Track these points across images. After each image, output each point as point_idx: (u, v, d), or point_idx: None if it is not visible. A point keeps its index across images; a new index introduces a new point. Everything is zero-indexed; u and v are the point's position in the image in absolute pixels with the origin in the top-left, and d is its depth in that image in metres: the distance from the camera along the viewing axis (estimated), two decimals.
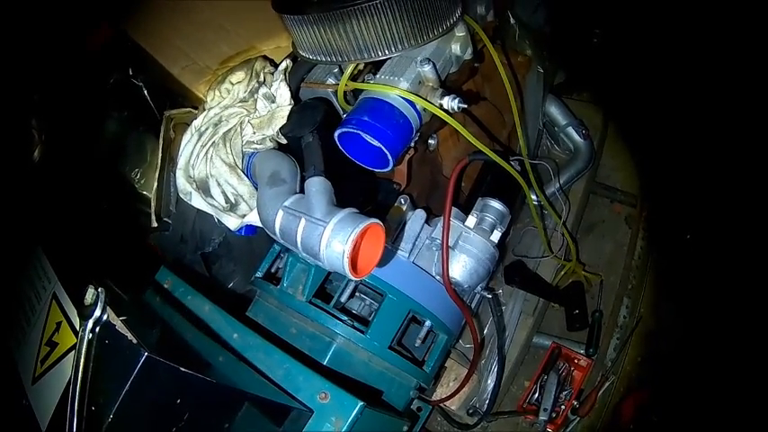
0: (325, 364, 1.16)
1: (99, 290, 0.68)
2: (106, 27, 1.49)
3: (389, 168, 1.07)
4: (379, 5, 0.95)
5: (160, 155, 1.25)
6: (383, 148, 0.99)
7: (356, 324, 1.19)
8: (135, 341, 0.62)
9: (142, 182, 1.62)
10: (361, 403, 0.92)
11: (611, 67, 2.19)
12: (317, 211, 0.87)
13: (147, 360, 0.62)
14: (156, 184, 1.27)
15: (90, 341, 0.65)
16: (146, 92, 1.63)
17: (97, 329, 0.66)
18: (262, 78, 1.12)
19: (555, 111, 1.96)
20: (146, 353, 0.62)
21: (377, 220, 0.85)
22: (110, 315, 0.67)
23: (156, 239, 1.58)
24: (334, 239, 0.82)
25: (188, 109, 1.26)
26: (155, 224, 1.30)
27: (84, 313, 0.68)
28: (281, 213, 0.91)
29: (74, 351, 0.68)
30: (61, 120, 1.59)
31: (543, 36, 1.77)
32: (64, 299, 0.79)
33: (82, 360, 0.63)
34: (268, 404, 0.86)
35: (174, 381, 0.65)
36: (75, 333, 0.72)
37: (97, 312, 0.68)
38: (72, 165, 1.54)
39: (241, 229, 1.22)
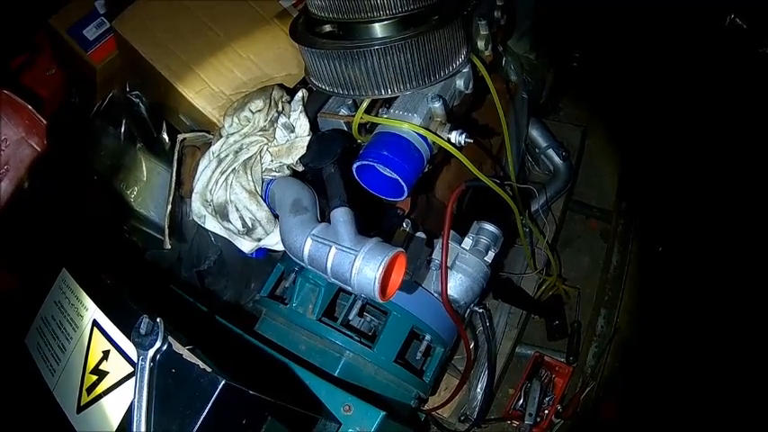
0: (335, 377, 1.23)
1: (158, 320, 0.71)
2: (111, 41, 1.51)
3: (403, 199, 1.14)
4: (400, 45, 1.02)
5: (174, 179, 1.28)
6: (400, 180, 1.05)
7: (363, 340, 1.26)
8: (209, 369, 0.66)
9: (138, 200, 1.64)
10: (383, 414, 1.00)
11: (589, 88, 2.33)
12: (346, 240, 0.94)
13: (225, 387, 0.66)
14: (170, 207, 1.29)
15: (151, 369, 0.69)
16: (143, 108, 1.66)
17: (158, 358, 0.70)
18: (280, 107, 1.17)
19: (536, 133, 2.06)
20: (223, 380, 0.66)
21: (402, 250, 0.93)
22: (173, 344, 0.71)
23: (152, 257, 1.60)
24: (366, 267, 0.89)
25: (202, 133, 1.29)
26: (168, 247, 1.32)
27: (143, 343, 0.71)
28: (309, 241, 0.97)
29: (132, 380, 0.71)
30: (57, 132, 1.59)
31: (528, 62, 1.88)
32: (109, 326, 0.81)
33: (145, 389, 0.66)
34: (296, 416, 0.91)
35: (242, 403, 0.69)
36: (131, 362, 0.75)
37: (158, 343, 0.71)
38: (72, 179, 1.53)
39: (252, 252, 1.27)
